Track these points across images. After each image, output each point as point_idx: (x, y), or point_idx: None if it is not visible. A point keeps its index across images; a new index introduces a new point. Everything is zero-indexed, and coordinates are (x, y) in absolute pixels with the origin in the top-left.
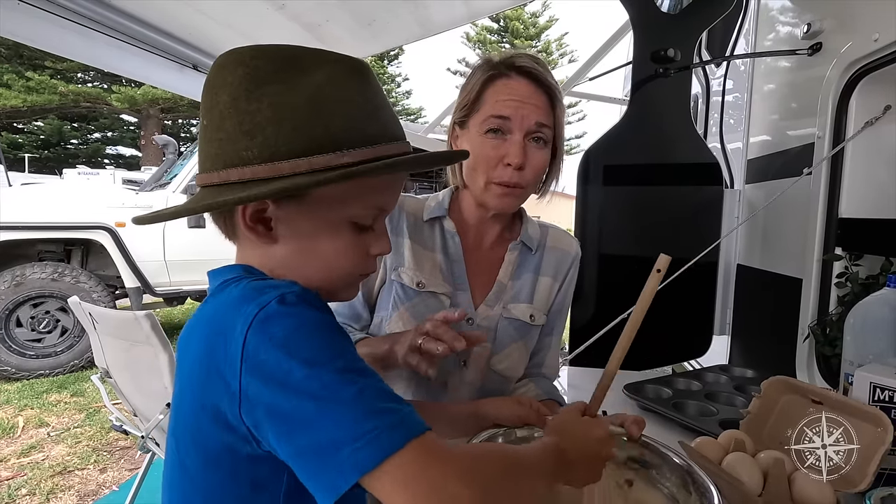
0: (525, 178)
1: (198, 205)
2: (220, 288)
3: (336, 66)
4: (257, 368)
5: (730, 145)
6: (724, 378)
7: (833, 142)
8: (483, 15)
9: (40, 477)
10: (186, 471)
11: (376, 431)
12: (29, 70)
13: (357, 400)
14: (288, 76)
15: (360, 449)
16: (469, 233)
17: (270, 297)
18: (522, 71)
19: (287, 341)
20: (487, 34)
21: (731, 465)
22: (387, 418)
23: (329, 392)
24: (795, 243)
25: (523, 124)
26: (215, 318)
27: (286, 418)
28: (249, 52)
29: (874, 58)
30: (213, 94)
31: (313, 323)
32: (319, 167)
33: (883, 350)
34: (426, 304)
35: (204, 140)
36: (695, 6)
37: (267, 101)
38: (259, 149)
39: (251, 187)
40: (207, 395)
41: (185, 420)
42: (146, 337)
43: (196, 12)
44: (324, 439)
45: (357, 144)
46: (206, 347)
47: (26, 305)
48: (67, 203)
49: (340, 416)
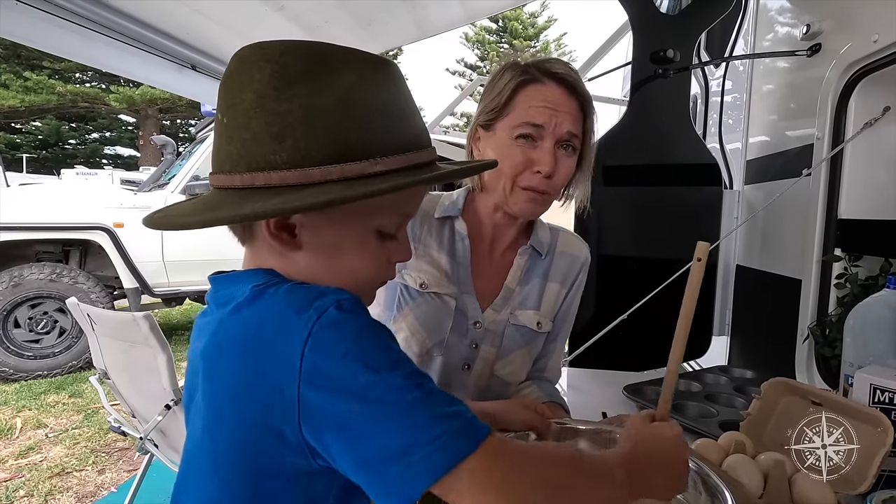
0: (553, 185)
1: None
2: (256, 292)
3: (367, 67)
4: (320, 377)
5: (729, 146)
6: (724, 379)
7: (832, 143)
8: (481, 16)
9: (38, 478)
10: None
11: (446, 437)
12: (27, 70)
13: (424, 404)
14: (318, 75)
15: (432, 454)
16: (481, 236)
17: (328, 304)
18: (556, 77)
19: (351, 348)
20: (486, 35)
21: (731, 466)
22: (455, 422)
23: (395, 397)
24: (795, 244)
25: (556, 132)
26: (263, 324)
27: (352, 427)
28: (279, 48)
29: (873, 59)
30: (236, 90)
31: (373, 329)
32: (352, 175)
33: (883, 351)
34: (430, 305)
35: (223, 138)
36: (694, 7)
37: (298, 103)
38: (289, 153)
39: (283, 194)
40: (255, 409)
41: (225, 438)
42: (145, 338)
43: (194, 13)
44: (394, 445)
45: (390, 152)
46: (252, 359)
47: (24, 306)
48: (65, 203)
49: (410, 421)
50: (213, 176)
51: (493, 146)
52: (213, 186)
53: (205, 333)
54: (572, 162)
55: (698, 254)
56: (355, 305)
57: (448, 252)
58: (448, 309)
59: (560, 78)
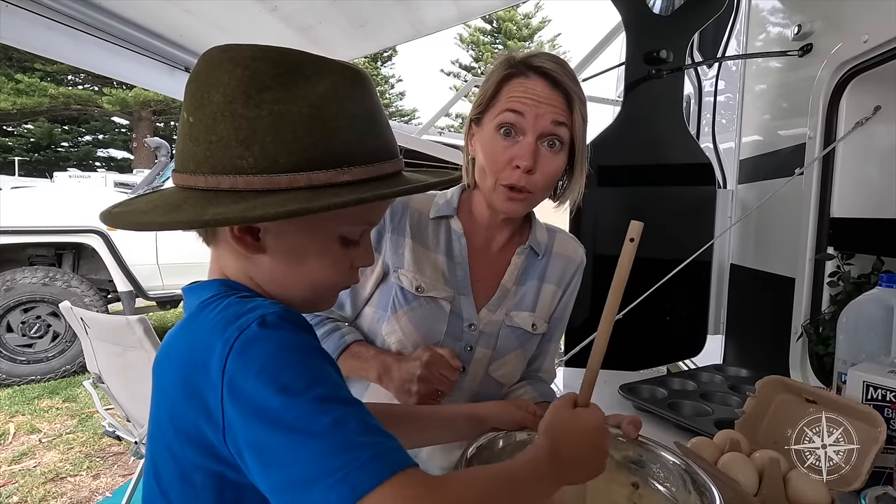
0: (534, 182)
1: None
2: (199, 308)
3: (339, 77)
4: (237, 396)
5: (722, 146)
6: (719, 378)
7: (824, 142)
8: (474, 16)
9: (32, 484)
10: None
11: (347, 469)
12: (18, 72)
13: (332, 432)
14: (290, 83)
15: (332, 487)
16: (477, 234)
17: (251, 320)
18: (539, 70)
19: (265, 367)
20: (480, 35)
21: (726, 464)
22: (363, 453)
23: (303, 423)
24: (788, 243)
25: (537, 125)
26: (195, 341)
27: (262, 450)
28: (249, 53)
29: (864, 59)
30: (204, 91)
31: (294, 346)
32: (319, 184)
33: (875, 349)
34: (425, 310)
35: (188, 138)
36: (686, 8)
37: (267, 109)
38: (256, 159)
39: (248, 199)
40: (189, 421)
41: (164, 445)
42: (139, 341)
43: (187, 14)
44: (296, 475)
45: (357, 162)
46: (186, 372)
47: (17, 310)
48: (58, 206)
49: (313, 450)
50: (177, 174)
51: (481, 141)
52: (175, 184)
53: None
54: (559, 160)
55: (631, 234)
56: (281, 320)
57: (445, 252)
58: (443, 313)
59: (543, 71)
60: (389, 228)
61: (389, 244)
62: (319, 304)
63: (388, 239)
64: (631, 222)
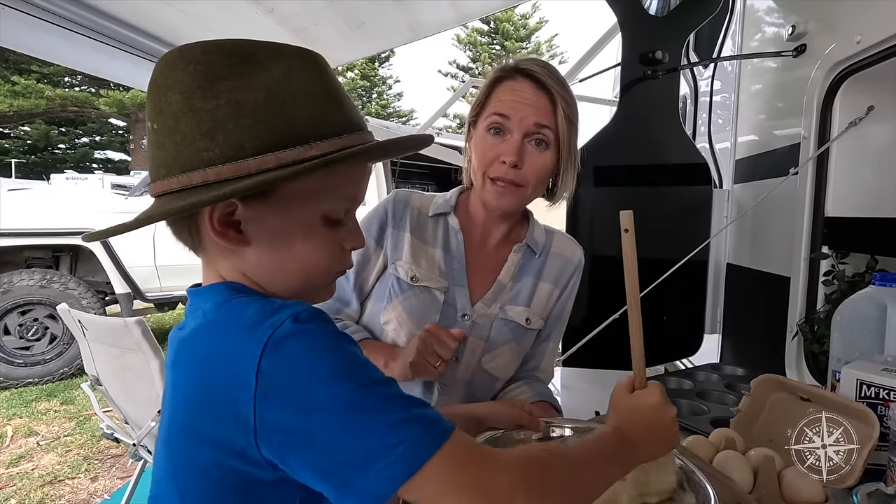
0: (522, 176)
1: (162, 210)
2: (216, 309)
3: (292, 59)
4: (276, 391)
5: (718, 145)
6: (716, 377)
7: (818, 142)
8: (472, 17)
9: (30, 487)
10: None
11: (407, 443)
12: (15, 74)
13: (382, 410)
14: (244, 70)
15: (394, 462)
16: (474, 231)
17: (284, 317)
18: (525, 73)
19: (306, 360)
20: (478, 36)
21: (721, 462)
22: (415, 427)
23: (354, 406)
24: (783, 242)
25: (522, 125)
26: (218, 342)
27: (312, 438)
28: (200, 48)
29: (857, 59)
30: (162, 94)
31: (330, 338)
32: (288, 161)
33: (869, 347)
34: (419, 298)
35: (155, 146)
36: (682, 8)
37: (225, 98)
38: (221, 148)
39: (219, 187)
40: (210, 420)
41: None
42: (137, 343)
43: (183, 16)
44: (355, 454)
45: (324, 136)
46: (208, 373)
47: (14, 313)
48: (55, 209)
49: (369, 429)
50: (151, 186)
51: (474, 142)
52: (152, 196)
53: (173, 346)
54: (545, 157)
55: (624, 225)
56: (313, 317)
57: (443, 246)
58: (436, 302)
59: (528, 73)
60: (391, 224)
61: (390, 239)
62: (317, 295)
63: (389, 234)
64: (620, 213)
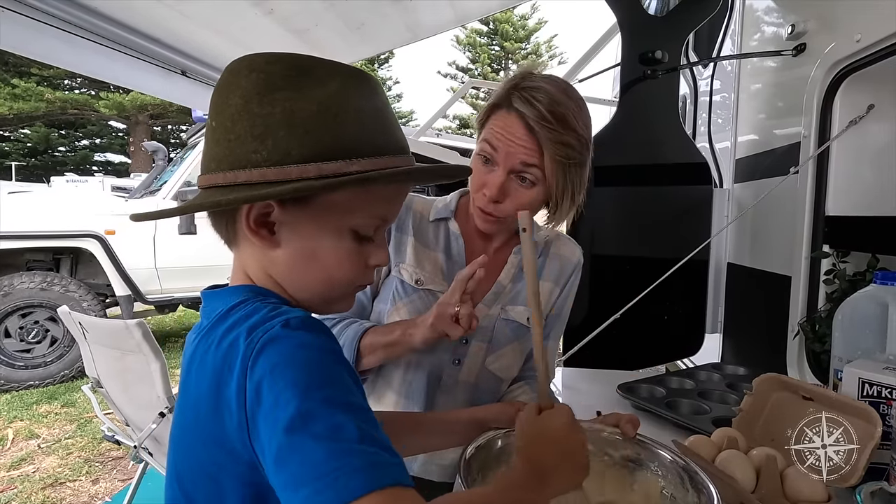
0: (502, 210)
1: (205, 202)
2: (226, 313)
3: (348, 78)
4: (257, 394)
5: (718, 145)
6: (717, 376)
7: (819, 141)
8: (471, 18)
9: (31, 490)
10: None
11: (336, 473)
12: (15, 77)
13: (330, 436)
14: (302, 83)
15: (321, 491)
16: (474, 236)
17: (276, 323)
18: (518, 112)
19: (281, 366)
20: (477, 37)
21: (724, 462)
22: (355, 460)
23: (303, 424)
24: (784, 241)
25: (507, 161)
26: (223, 345)
27: (273, 451)
28: (264, 59)
29: (857, 58)
30: (225, 96)
31: (311, 347)
32: (328, 173)
33: (871, 346)
34: (423, 302)
35: (211, 141)
36: (681, 8)
37: (280, 106)
38: (269, 152)
39: (259, 188)
40: (215, 423)
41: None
42: (137, 345)
43: (184, 18)
44: (292, 476)
45: (366, 154)
46: (216, 376)
47: (15, 316)
48: (56, 211)
49: (309, 452)
50: (201, 177)
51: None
52: (199, 187)
53: (188, 349)
54: (531, 194)
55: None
56: (304, 324)
57: (444, 251)
58: None
59: (520, 113)
60: (394, 227)
61: (393, 241)
62: (336, 304)
63: (392, 237)
64: (518, 213)
